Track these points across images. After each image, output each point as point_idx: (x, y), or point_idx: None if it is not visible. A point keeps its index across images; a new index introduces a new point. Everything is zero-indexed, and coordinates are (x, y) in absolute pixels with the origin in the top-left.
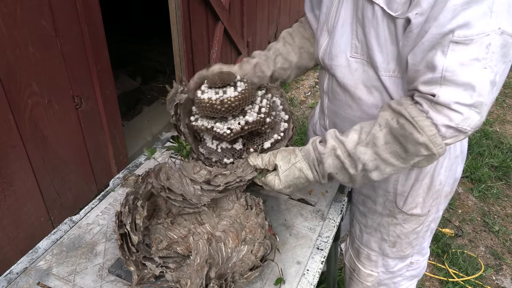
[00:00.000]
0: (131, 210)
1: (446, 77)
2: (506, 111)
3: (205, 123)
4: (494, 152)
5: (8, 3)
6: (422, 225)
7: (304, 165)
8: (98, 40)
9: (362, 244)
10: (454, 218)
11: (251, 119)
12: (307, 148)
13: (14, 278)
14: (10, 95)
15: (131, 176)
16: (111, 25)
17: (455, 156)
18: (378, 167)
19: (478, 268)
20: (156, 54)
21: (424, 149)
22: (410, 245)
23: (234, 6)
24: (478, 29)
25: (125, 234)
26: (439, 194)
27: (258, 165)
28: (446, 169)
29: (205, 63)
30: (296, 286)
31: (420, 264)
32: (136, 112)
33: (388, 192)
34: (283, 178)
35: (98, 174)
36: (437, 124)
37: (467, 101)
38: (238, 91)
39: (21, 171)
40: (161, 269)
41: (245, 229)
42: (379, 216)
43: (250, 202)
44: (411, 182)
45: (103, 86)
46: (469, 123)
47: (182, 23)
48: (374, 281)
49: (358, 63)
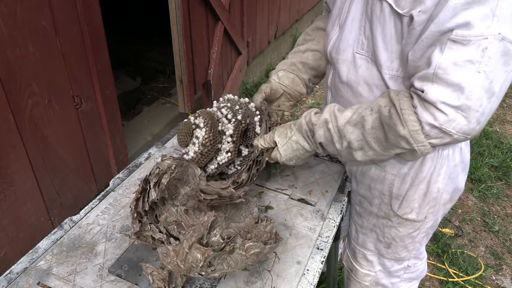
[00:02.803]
0: (160, 175)
1: (438, 74)
2: (506, 111)
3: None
4: (494, 152)
5: (8, 3)
6: (418, 231)
7: (299, 137)
8: (98, 40)
9: (358, 245)
10: (454, 218)
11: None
12: (300, 121)
13: (14, 278)
14: (10, 95)
15: (167, 160)
16: (111, 25)
17: (453, 164)
18: (363, 148)
19: (478, 268)
20: (156, 54)
21: (405, 142)
22: (406, 249)
23: (234, 6)
24: (477, 31)
25: (145, 190)
26: (437, 201)
27: (262, 145)
28: (445, 177)
29: (205, 63)
30: (296, 286)
31: (418, 268)
32: (136, 112)
33: (384, 194)
34: (282, 152)
35: (98, 174)
36: (421, 121)
37: (453, 103)
38: (201, 138)
39: (21, 171)
40: (161, 236)
41: (250, 234)
42: (374, 217)
43: (263, 217)
44: (406, 186)
45: (103, 86)
46: (454, 126)
47: (182, 23)
48: (372, 281)
49: (363, 60)
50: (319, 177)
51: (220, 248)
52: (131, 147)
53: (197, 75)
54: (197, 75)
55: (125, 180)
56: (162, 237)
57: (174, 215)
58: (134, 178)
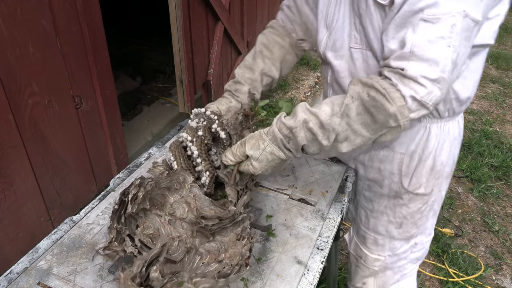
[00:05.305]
0: (141, 186)
1: (414, 52)
2: (506, 111)
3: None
4: (494, 152)
5: (8, 3)
6: (426, 204)
7: (273, 148)
8: (98, 40)
9: (369, 229)
10: (454, 218)
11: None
12: (272, 130)
13: (14, 278)
14: (10, 95)
15: (159, 166)
16: (111, 25)
17: (453, 138)
18: (348, 137)
19: (478, 268)
20: (156, 54)
21: (393, 120)
22: (415, 225)
23: (234, 6)
24: (445, 9)
25: (124, 202)
26: (441, 174)
27: (233, 160)
28: (446, 150)
29: (205, 63)
30: (296, 286)
31: (424, 245)
32: (136, 112)
33: (393, 173)
34: (257, 165)
35: (98, 174)
36: (405, 96)
37: (431, 76)
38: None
39: (21, 171)
40: (133, 250)
41: (226, 253)
42: (385, 198)
43: (245, 234)
44: (414, 163)
45: (103, 86)
46: (431, 98)
47: (182, 23)
48: (381, 266)
49: (358, 53)
50: (319, 177)
51: (161, 285)
52: (131, 147)
53: (197, 75)
54: (197, 75)
55: (125, 180)
56: (134, 251)
57: (153, 226)
58: (134, 178)
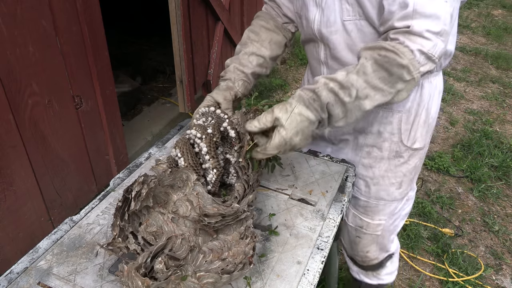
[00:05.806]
0: (144, 184)
1: (416, 10)
2: (506, 111)
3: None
4: (494, 152)
5: (8, 3)
6: (421, 159)
7: (302, 108)
8: (98, 40)
9: (371, 198)
10: (454, 218)
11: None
12: (298, 93)
13: (14, 278)
14: (10, 95)
15: (163, 164)
16: (111, 25)
17: (439, 91)
18: (369, 95)
19: (478, 268)
20: (156, 54)
21: (407, 72)
22: (412, 181)
23: (234, 6)
24: None
25: (127, 199)
26: (430, 127)
27: (257, 126)
28: (435, 103)
29: (205, 63)
30: (296, 286)
31: (412, 200)
32: (136, 112)
33: (393, 134)
34: (288, 126)
35: (98, 174)
36: (413, 50)
37: (435, 29)
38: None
39: (21, 171)
40: (136, 247)
41: (229, 251)
42: (386, 162)
43: (248, 233)
44: (412, 119)
45: (103, 86)
46: (436, 50)
47: (182, 23)
48: (383, 229)
49: (352, 25)
50: (319, 177)
51: (165, 277)
52: (131, 147)
53: (197, 75)
54: (197, 75)
55: (125, 180)
56: (137, 248)
57: (157, 224)
58: (134, 178)
